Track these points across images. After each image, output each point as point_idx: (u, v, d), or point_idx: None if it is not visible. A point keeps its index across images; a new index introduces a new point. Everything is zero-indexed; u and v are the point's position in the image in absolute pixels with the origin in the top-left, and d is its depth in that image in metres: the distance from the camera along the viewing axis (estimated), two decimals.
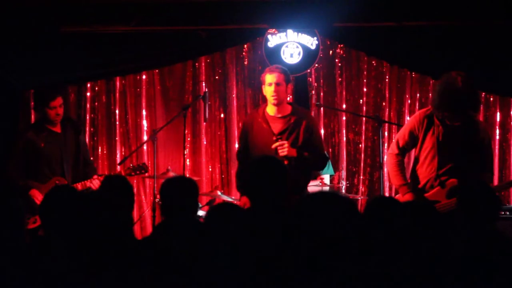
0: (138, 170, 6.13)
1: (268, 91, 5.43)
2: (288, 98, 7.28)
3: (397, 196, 5.39)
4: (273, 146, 5.34)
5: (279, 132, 5.41)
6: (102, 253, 2.72)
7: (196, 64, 7.42)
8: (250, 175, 3.91)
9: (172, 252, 2.88)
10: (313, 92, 7.34)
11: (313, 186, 6.27)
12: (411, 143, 5.32)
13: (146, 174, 6.30)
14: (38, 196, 5.75)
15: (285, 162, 5.24)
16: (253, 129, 5.49)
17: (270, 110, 5.48)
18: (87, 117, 7.37)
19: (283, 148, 5.31)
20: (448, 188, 5.13)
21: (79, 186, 5.96)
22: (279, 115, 5.46)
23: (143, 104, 7.43)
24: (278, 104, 5.44)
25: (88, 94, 7.39)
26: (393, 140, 5.51)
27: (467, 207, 3.77)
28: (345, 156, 7.37)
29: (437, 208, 5.04)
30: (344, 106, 7.34)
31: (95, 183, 5.97)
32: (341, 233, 2.65)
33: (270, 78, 5.42)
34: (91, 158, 7.31)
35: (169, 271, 2.81)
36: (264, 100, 5.64)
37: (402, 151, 5.34)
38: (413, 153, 5.52)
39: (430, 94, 7.15)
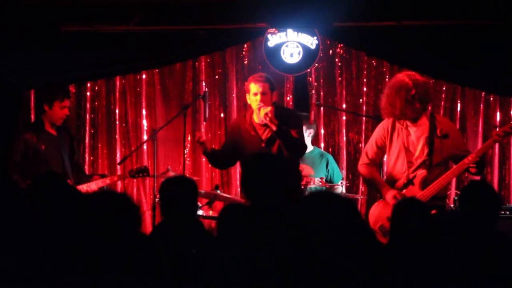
0: (141, 172, 6.19)
1: (254, 100, 5.42)
2: (288, 98, 7.38)
3: (380, 200, 5.45)
4: (257, 106, 5.35)
5: (267, 138, 5.42)
6: (101, 252, 2.72)
7: (196, 63, 7.43)
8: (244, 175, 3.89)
9: (171, 252, 2.89)
10: (313, 91, 7.33)
11: (313, 186, 6.29)
12: (380, 152, 5.48)
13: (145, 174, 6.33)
14: None
15: (267, 116, 5.25)
16: (241, 136, 5.50)
17: (256, 117, 5.48)
18: (87, 117, 7.38)
19: (265, 107, 5.32)
20: (419, 180, 5.22)
21: (84, 187, 5.96)
22: (265, 122, 5.42)
23: (143, 104, 7.44)
24: None
25: (88, 94, 7.40)
26: (362, 152, 5.60)
27: (468, 207, 3.77)
28: (345, 156, 7.37)
29: None
30: (344, 105, 7.33)
31: (93, 185, 6.01)
32: (341, 233, 2.65)
33: (255, 88, 5.42)
34: (91, 158, 7.35)
35: (168, 271, 2.82)
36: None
37: (372, 161, 5.47)
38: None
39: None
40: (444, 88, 7.22)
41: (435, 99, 7.01)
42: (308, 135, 6.66)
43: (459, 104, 7.24)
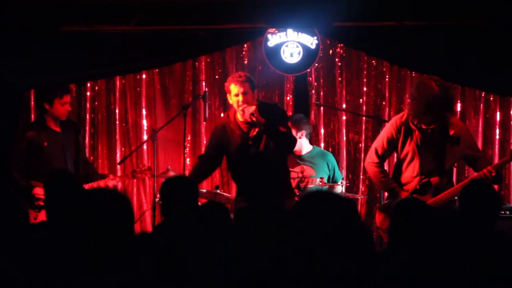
0: (144, 172, 6.21)
1: (235, 101, 5.36)
2: (288, 98, 7.38)
3: (389, 200, 5.44)
4: (240, 107, 5.30)
5: (253, 135, 5.39)
6: (101, 251, 2.72)
7: (196, 63, 7.42)
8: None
9: (171, 252, 2.89)
10: (313, 91, 7.34)
11: (313, 186, 6.29)
12: (390, 150, 5.46)
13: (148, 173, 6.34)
14: (42, 193, 5.73)
15: (253, 117, 5.20)
16: (228, 135, 5.45)
17: (240, 115, 5.43)
18: (87, 117, 7.38)
19: (249, 107, 5.28)
20: (432, 186, 5.21)
21: (94, 186, 5.96)
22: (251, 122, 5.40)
23: (143, 104, 7.44)
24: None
25: (88, 93, 7.41)
26: (370, 149, 5.56)
27: (468, 206, 3.77)
28: (345, 156, 7.36)
29: None
30: (344, 105, 7.33)
31: (111, 183, 6.02)
32: (341, 233, 2.65)
33: (236, 89, 5.35)
34: (91, 158, 7.35)
35: (168, 271, 2.82)
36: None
37: (382, 159, 5.46)
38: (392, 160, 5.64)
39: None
40: None
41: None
42: (299, 137, 6.59)
43: (459, 104, 7.23)
